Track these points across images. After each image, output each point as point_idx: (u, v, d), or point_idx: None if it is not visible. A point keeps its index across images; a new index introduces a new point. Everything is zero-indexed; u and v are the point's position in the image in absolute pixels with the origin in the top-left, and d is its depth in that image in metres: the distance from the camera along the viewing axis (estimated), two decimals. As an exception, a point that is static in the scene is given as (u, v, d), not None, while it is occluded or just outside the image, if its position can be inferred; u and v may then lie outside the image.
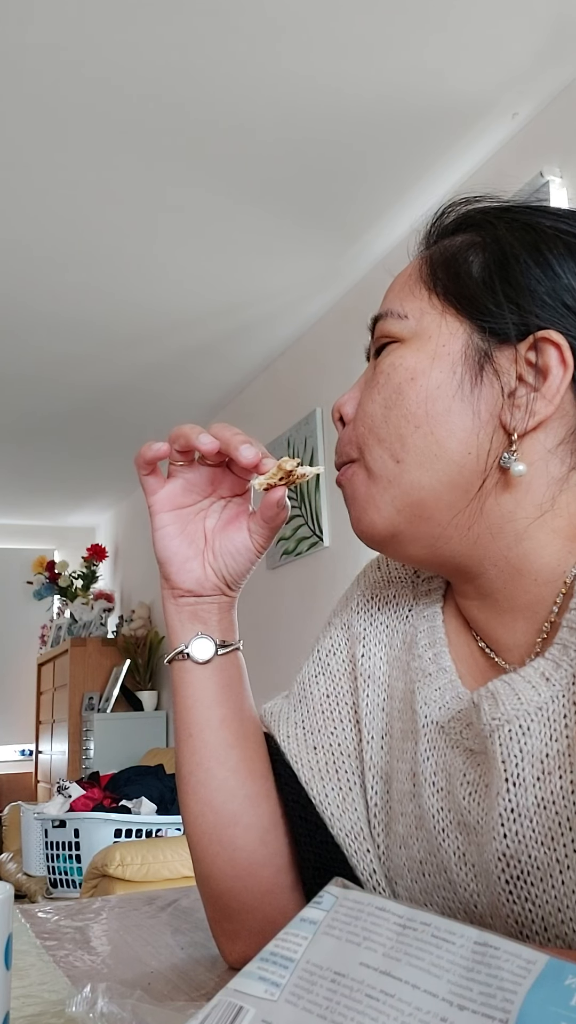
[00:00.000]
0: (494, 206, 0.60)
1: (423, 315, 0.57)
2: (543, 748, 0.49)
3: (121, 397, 3.89)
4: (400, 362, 0.57)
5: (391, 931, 0.33)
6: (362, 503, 0.58)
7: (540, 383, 0.54)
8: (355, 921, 0.34)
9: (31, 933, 0.78)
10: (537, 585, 0.55)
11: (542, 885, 0.48)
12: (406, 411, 0.56)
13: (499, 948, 0.30)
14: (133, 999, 0.47)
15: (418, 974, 0.30)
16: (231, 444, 0.59)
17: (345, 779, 0.64)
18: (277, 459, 0.60)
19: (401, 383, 0.56)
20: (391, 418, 0.56)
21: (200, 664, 0.64)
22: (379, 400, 0.57)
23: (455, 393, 0.55)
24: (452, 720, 0.57)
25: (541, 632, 0.55)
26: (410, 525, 0.56)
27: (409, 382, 0.56)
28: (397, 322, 0.58)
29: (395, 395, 0.56)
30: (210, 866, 0.64)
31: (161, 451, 0.62)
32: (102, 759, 4.48)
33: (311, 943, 0.34)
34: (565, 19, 1.79)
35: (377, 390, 0.58)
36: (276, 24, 1.77)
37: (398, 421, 0.56)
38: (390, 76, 1.94)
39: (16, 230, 2.51)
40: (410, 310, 0.58)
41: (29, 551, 6.11)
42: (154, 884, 2.64)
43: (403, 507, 0.56)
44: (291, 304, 3.08)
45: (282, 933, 0.36)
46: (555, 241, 0.56)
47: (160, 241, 2.62)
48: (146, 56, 1.84)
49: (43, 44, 1.79)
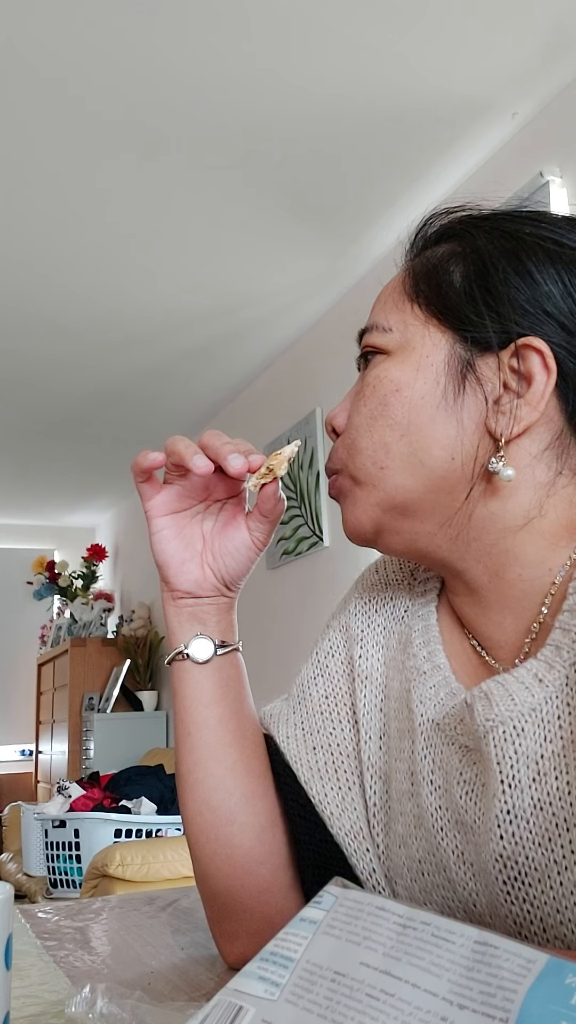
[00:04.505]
0: (475, 215, 0.61)
1: (407, 327, 0.59)
2: (538, 749, 0.50)
3: (121, 398, 3.90)
4: (385, 374, 0.58)
5: (391, 930, 0.33)
6: (349, 505, 0.61)
7: (524, 389, 0.54)
8: (355, 921, 0.34)
9: (31, 933, 0.78)
10: (523, 581, 0.56)
11: (540, 886, 0.48)
12: (391, 421, 0.57)
13: (499, 947, 0.30)
14: (133, 999, 0.47)
15: (418, 973, 0.30)
16: (220, 454, 0.60)
17: (344, 779, 0.64)
18: (266, 456, 0.61)
19: (386, 395, 0.58)
20: (376, 428, 0.58)
21: (199, 664, 0.65)
22: (364, 412, 0.59)
23: (439, 403, 0.56)
24: (447, 716, 0.57)
25: (530, 631, 0.56)
26: (394, 521, 0.58)
27: (394, 393, 0.57)
28: (382, 335, 0.60)
29: (380, 406, 0.58)
30: (208, 865, 0.64)
31: (156, 461, 0.62)
32: (102, 759, 4.48)
33: (311, 943, 0.34)
34: (565, 19, 1.79)
35: (363, 402, 0.59)
36: (275, 25, 1.77)
37: (383, 431, 0.57)
38: (389, 76, 1.94)
39: (16, 231, 2.51)
40: (394, 323, 0.59)
41: (29, 551, 6.10)
42: (154, 884, 2.64)
43: (388, 507, 0.58)
44: (291, 305, 3.08)
45: (282, 933, 0.36)
46: (535, 248, 0.56)
47: (161, 243, 2.62)
48: (145, 58, 1.84)
49: (42, 44, 1.79)
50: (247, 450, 0.61)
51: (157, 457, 0.62)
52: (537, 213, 0.60)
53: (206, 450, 0.60)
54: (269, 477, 0.61)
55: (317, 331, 3.21)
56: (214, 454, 0.60)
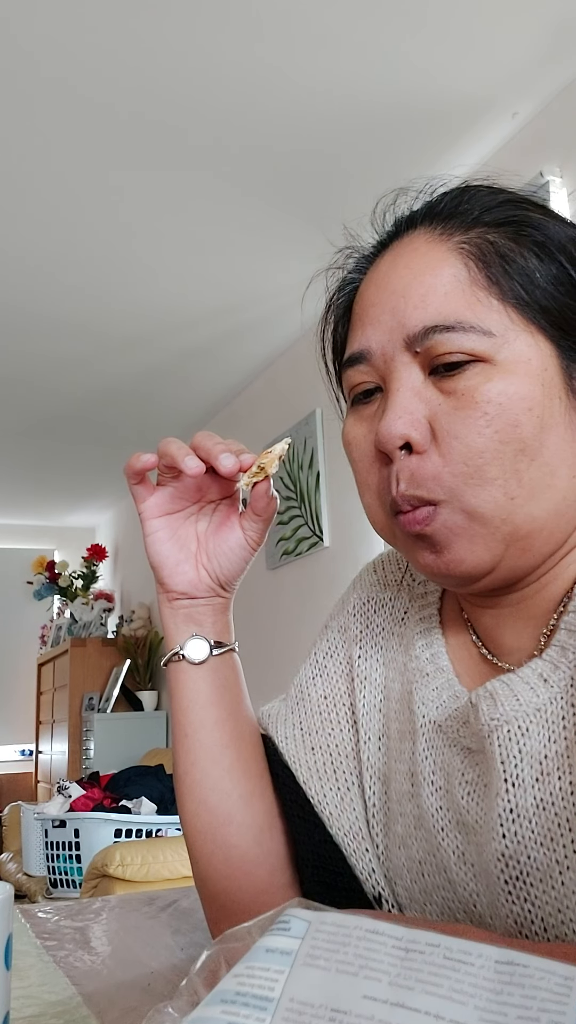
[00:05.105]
0: (516, 199, 0.57)
1: (507, 331, 0.51)
2: (542, 749, 0.50)
3: (121, 398, 3.89)
4: (512, 390, 0.51)
5: (392, 956, 0.29)
6: (466, 545, 0.52)
7: None
8: (343, 948, 0.30)
9: (31, 933, 0.78)
10: (552, 593, 0.55)
11: (542, 886, 0.48)
12: (524, 445, 0.51)
13: (528, 965, 0.27)
14: None
15: (439, 1003, 0.27)
16: (211, 454, 0.59)
17: (343, 779, 0.64)
18: (257, 454, 0.61)
19: (519, 415, 0.50)
20: (507, 453, 0.50)
21: (195, 665, 0.65)
22: (489, 434, 0.50)
23: (564, 420, 0.52)
24: (449, 719, 0.57)
25: (542, 635, 0.55)
26: (515, 557, 0.53)
27: (527, 412, 0.51)
28: (484, 339, 0.51)
29: (511, 427, 0.50)
30: (206, 866, 0.64)
31: (149, 463, 0.62)
32: (102, 759, 4.48)
33: (290, 977, 0.29)
34: (565, 19, 1.79)
35: (485, 421, 0.50)
36: (276, 25, 1.77)
37: (515, 456, 0.50)
38: (389, 76, 1.94)
39: (18, 231, 2.51)
40: (493, 325, 0.51)
41: (29, 551, 6.10)
42: (154, 884, 2.64)
43: (513, 542, 0.52)
44: (291, 305, 3.07)
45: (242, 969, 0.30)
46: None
47: (162, 242, 2.62)
48: (152, 58, 1.84)
49: (49, 43, 1.79)
50: (238, 450, 0.60)
51: (149, 459, 0.62)
52: None
53: (198, 451, 0.60)
54: (261, 476, 0.61)
55: (317, 331, 3.21)
56: (205, 455, 0.60)
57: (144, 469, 0.63)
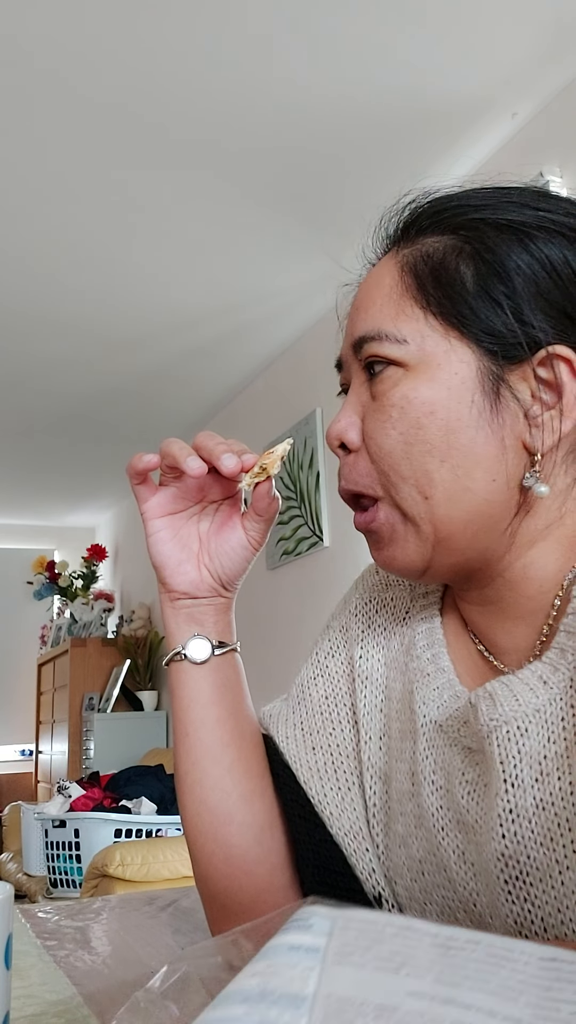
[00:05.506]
0: (472, 203, 0.56)
1: (424, 339, 0.54)
2: (541, 750, 0.50)
3: (121, 398, 3.90)
4: (414, 394, 0.53)
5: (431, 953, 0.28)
6: (399, 543, 0.56)
7: (555, 399, 0.53)
8: (378, 945, 0.29)
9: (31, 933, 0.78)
10: (541, 592, 0.55)
11: (541, 886, 0.48)
12: (429, 446, 0.53)
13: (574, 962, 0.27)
14: None
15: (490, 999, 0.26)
16: (213, 454, 0.59)
17: (344, 779, 0.64)
18: (258, 454, 0.61)
19: (420, 417, 0.53)
20: (414, 454, 0.53)
21: (197, 664, 0.65)
22: (395, 435, 0.54)
23: (476, 423, 0.53)
24: (450, 719, 0.57)
25: (540, 636, 0.56)
26: (442, 556, 0.55)
27: (428, 416, 0.53)
28: (396, 346, 0.54)
29: (414, 430, 0.53)
30: (207, 866, 0.64)
31: (151, 463, 0.62)
32: (102, 759, 4.48)
33: (324, 974, 0.28)
34: (565, 19, 1.79)
35: (391, 424, 0.54)
36: (276, 26, 1.77)
37: (422, 457, 0.53)
38: (390, 76, 1.94)
39: (17, 231, 2.51)
40: (408, 333, 0.54)
41: (29, 551, 6.11)
42: (154, 884, 2.64)
43: (436, 542, 0.55)
44: (291, 305, 3.07)
45: (262, 967, 0.29)
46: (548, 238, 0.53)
47: (162, 243, 2.62)
48: (145, 58, 1.84)
49: (47, 42, 1.79)
50: (240, 450, 0.60)
51: (151, 459, 0.62)
52: (535, 193, 0.56)
53: (200, 451, 0.60)
54: (263, 476, 0.61)
55: (317, 331, 3.21)
56: (207, 455, 0.60)
57: (146, 469, 0.63)
